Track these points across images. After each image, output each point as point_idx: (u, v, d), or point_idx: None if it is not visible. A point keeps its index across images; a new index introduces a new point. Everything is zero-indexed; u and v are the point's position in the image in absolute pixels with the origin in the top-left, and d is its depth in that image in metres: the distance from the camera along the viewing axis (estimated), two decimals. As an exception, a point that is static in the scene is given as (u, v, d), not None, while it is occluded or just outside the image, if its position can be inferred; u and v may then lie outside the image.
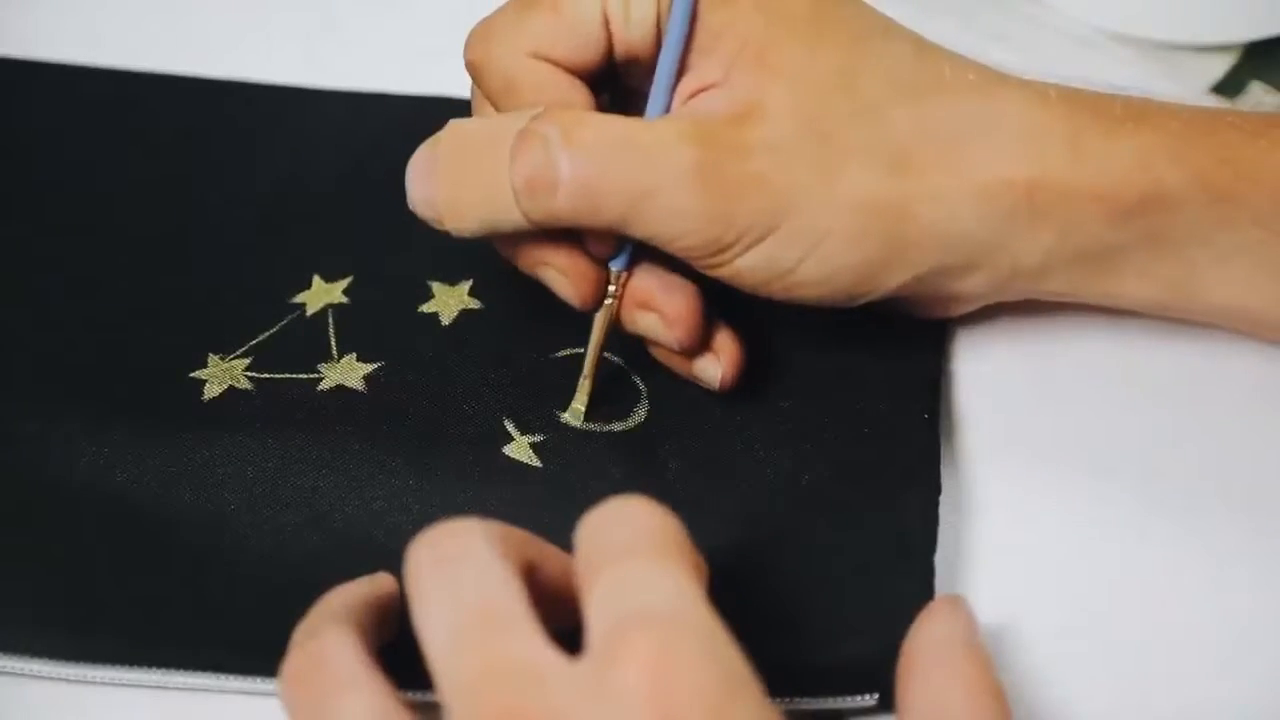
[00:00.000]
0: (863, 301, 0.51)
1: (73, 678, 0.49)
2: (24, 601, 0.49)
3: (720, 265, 0.49)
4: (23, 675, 0.49)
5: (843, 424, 0.53)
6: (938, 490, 0.51)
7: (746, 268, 0.49)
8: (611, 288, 0.51)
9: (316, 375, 0.54)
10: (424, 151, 0.50)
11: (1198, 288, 0.51)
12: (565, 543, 0.46)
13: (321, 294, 0.56)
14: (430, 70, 0.61)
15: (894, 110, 0.49)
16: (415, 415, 0.53)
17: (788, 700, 0.47)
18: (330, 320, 0.55)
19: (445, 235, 0.56)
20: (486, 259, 0.55)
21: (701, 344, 0.52)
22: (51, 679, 0.49)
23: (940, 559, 0.50)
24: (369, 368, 0.54)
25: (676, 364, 0.53)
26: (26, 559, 0.50)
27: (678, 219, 0.48)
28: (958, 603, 0.47)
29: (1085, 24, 0.64)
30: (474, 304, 0.56)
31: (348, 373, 0.54)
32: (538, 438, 0.52)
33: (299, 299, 0.56)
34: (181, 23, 0.65)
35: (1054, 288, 0.52)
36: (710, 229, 0.48)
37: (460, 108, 0.56)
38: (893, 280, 0.50)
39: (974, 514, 0.52)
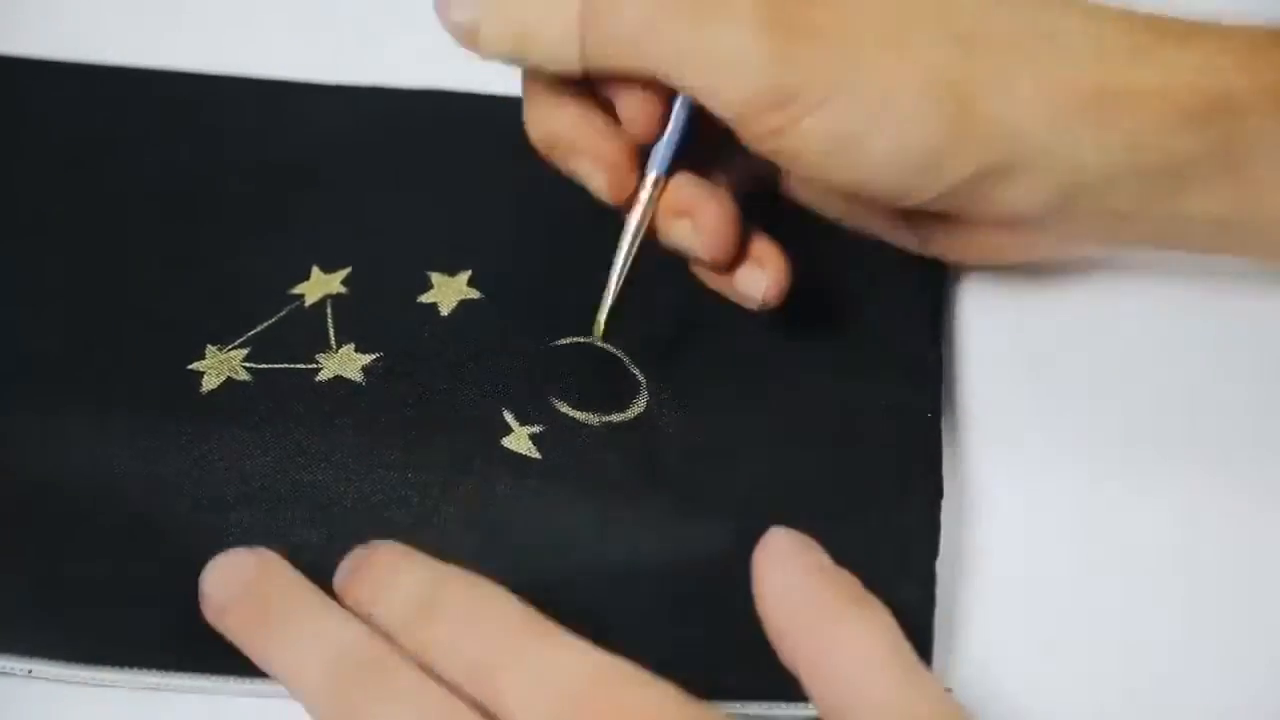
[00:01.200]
0: (925, 199, 0.49)
1: (69, 678, 0.49)
2: (17, 595, 0.49)
3: (780, 133, 0.48)
4: (16, 675, 0.49)
5: (845, 420, 0.53)
6: (939, 493, 0.51)
7: (805, 137, 0.47)
8: (645, 193, 0.50)
9: (315, 366, 0.54)
10: None
11: (1262, 204, 0.50)
12: (563, 534, 0.48)
13: (320, 285, 0.56)
14: (432, 68, 0.61)
15: (960, 6, 0.48)
16: (413, 406, 0.53)
17: (783, 705, 0.47)
18: (329, 311, 0.55)
19: (445, 225, 0.56)
20: (486, 248, 0.56)
21: (740, 256, 0.51)
22: (47, 680, 0.49)
23: (940, 561, 0.50)
24: (367, 358, 0.54)
25: (718, 283, 0.52)
26: (21, 552, 0.50)
27: (737, 65, 0.47)
28: (793, 535, 0.47)
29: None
30: (473, 294, 0.55)
31: (346, 363, 0.54)
32: (536, 429, 0.52)
33: (298, 290, 0.56)
34: (176, 18, 0.65)
35: (1116, 205, 0.50)
36: (770, 82, 0.47)
37: (460, 102, 0.57)
38: (953, 172, 0.48)
39: (976, 516, 0.52)
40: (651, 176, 0.50)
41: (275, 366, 0.54)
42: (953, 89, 0.48)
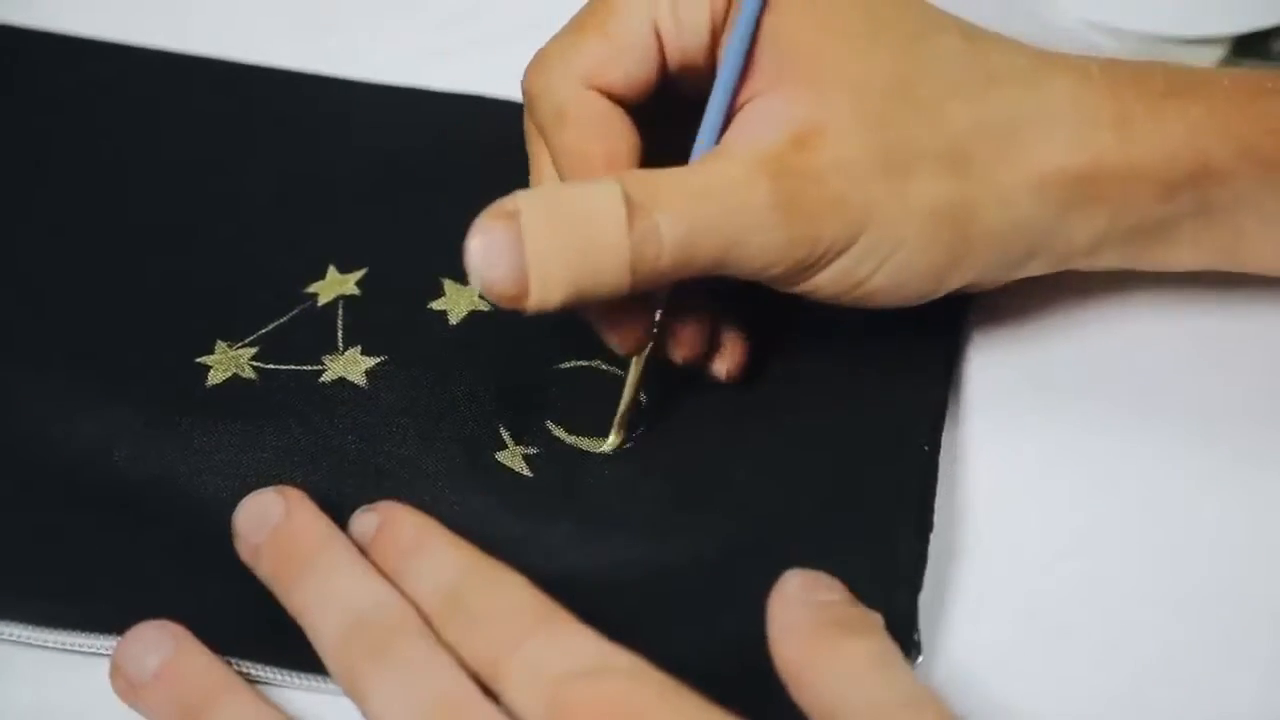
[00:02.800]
0: (929, 299, 0.52)
1: (61, 645, 0.49)
2: (18, 575, 0.50)
3: (796, 283, 0.50)
4: (14, 642, 0.49)
5: (842, 452, 0.52)
6: (928, 530, 0.51)
7: (822, 284, 0.50)
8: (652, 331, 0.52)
9: (320, 367, 0.54)
10: (497, 226, 0.47)
11: (1247, 251, 0.52)
12: (545, 552, 0.49)
13: (335, 284, 0.56)
14: (436, 69, 0.62)
15: (951, 109, 0.49)
16: (412, 413, 0.53)
17: None
18: (340, 311, 0.56)
19: (462, 233, 0.56)
20: None
21: (711, 347, 0.53)
22: (41, 646, 0.49)
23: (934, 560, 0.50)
24: (371, 362, 0.54)
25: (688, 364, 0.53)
26: (23, 533, 0.51)
27: (765, 252, 0.48)
28: (805, 574, 0.47)
29: (1076, 17, 0.65)
30: (484, 305, 0.55)
31: (350, 366, 0.54)
32: (531, 450, 0.53)
33: (312, 288, 0.56)
34: (188, 7, 0.66)
35: (1106, 263, 0.52)
36: (795, 255, 0.49)
37: (493, 109, 0.58)
38: (957, 279, 0.51)
39: (975, 515, 0.53)
40: (657, 317, 0.52)
41: (281, 367, 0.54)
42: (953, 215, 0.50)
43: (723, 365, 0.53)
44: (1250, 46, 0.64)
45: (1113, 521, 0.52)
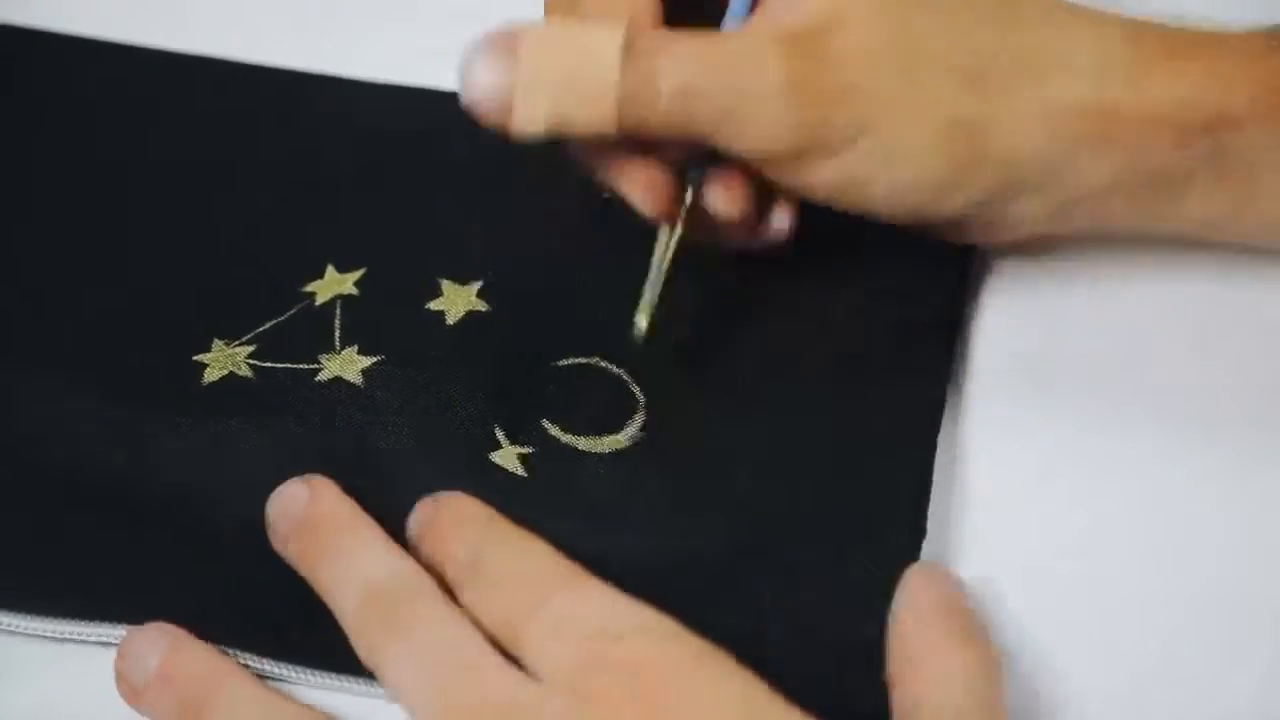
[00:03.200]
0: (924, 219, 0.51)
1: (60, 634, 0.49)
2: (17, 574, 0.50)
3: (794, 173, 0.50)
4: (13, 633, 0.50)
5: (841, 453, 0.52)
6: (922, 533, 0.50)
7: (821, 179, 0.50)
8: (686, 201, 0.51)
9: (316, 366, 0.54)
10: (496, 43, 0.49)
11: (1258, 204, 0.52)
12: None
13: (333, 284, 0.56)
14: (436, 69, 0.61)
15: (973, 32, 0.50)
16: (406, 412, 0.53)
17: None
18: (338, 311, 0.56)
19: (461, 233, 0.56)
20: (500, 260, 0.56)
21: (761, 211, 0.52)
22: (41, 637, 0.50)
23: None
24: (368, 361, 0.54)
25: (742, 235, 0.53)
26: (23, 531, 0.51)
27: (766, 128, 0.49)
28: (934, 570, 0.48)
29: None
30: (481, 306, 0.55)
31: (346, 365, 0.54)
32: (526, 449, 0.52)
33: (310, 287, 0.56)
34: (188, 7, 0.66)
35: (1115, 211, 0.52)
36: (796, 138, 0.49)
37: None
38: (959, 199, 0.51)
39: (972, 514, 0.53)
40: (689, 192, 0.51)
41: (278, 366, 0.54)
42: (960, 128, 0.50)
43: (783, 216, 0.52)
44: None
45: (1113, 521, 0.52)
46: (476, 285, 0.56)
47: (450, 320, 0.55)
